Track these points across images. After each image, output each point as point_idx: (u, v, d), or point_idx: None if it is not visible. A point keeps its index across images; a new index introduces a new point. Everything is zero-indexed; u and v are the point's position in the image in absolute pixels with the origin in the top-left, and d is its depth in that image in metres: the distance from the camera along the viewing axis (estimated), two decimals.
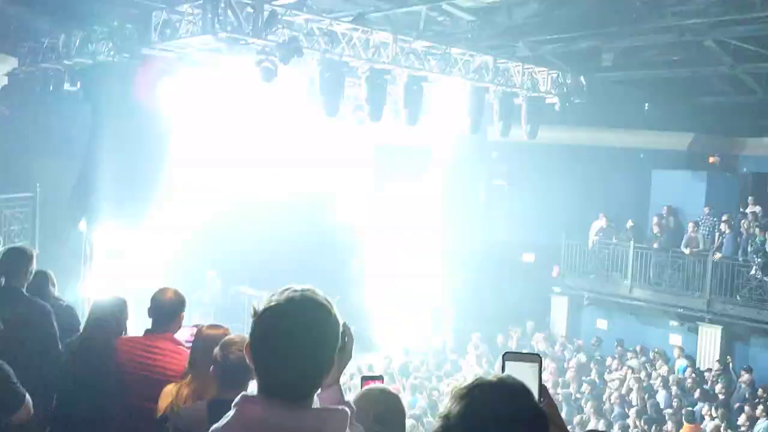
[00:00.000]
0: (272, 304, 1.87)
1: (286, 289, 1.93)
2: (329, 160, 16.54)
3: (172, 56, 11.84)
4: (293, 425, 1.81)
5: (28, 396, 3.68)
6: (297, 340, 1.82)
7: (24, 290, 4.73)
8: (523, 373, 1.96)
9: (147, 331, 4.21)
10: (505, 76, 13.24)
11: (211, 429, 1.84)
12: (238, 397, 1.89)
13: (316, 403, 2.05)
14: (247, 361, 1.89)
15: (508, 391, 1.57)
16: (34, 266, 4.83)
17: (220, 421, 1.85)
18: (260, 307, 1.89)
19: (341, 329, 2.20)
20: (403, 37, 11.62)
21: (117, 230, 12.31)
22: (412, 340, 16.67)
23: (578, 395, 12.69)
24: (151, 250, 15.99)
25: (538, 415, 1.57)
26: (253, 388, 1.99)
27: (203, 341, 3.57)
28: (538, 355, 2.10)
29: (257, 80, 10.46)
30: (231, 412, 1.86)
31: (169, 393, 3.60)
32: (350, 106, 13.44)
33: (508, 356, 2.05)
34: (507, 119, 13.53)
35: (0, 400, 3.37)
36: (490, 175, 18.70)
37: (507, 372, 2.01)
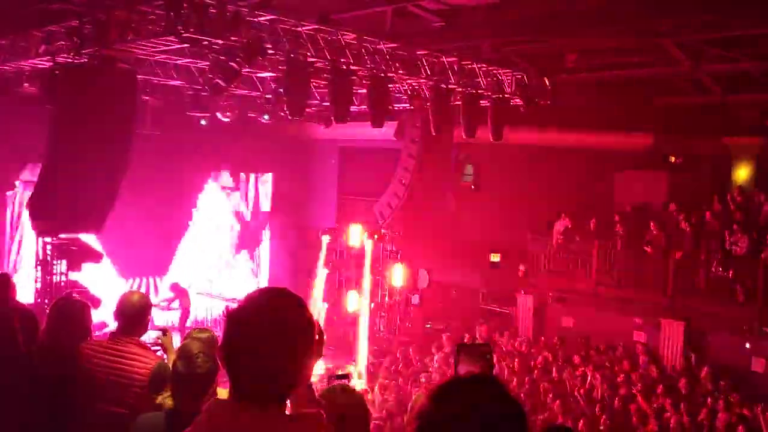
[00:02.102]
0: (245, 305, 1.83)
1: (260, 290, 1.90)
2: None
3: (133, 57, 11.68)
4: (266, 430, 1.77)
5: None
6: (270, 342, 1.77)
7: None
8: (476, 363, 1.98)
9: (112, 335, 4.13)
10: (470, 78, 13.32)
11: None
12: (210, 401, 1.84)
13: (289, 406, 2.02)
14: (220, 363, 1.85)
15: (485, 387, 1.55)
16: None
17: (191, 426, 1.80)
18: (234, 309, 1.85)
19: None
20: (368, 38, 11.62)
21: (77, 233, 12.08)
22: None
23: (544, 392, 12.79)
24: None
25: (517, 410, 1.55)
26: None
27: None
28: (488, 344, 2.13)
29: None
30: (200, 417, 1.81)
31: None
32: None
33: (462, 348, 2.07)
34: (472, 120, 13.61)
35: None
36: (456, 176, 18.82)
37: (461, 363, 2.03)
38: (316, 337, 2.10)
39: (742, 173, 16.47)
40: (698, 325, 13.62)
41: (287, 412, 1.86)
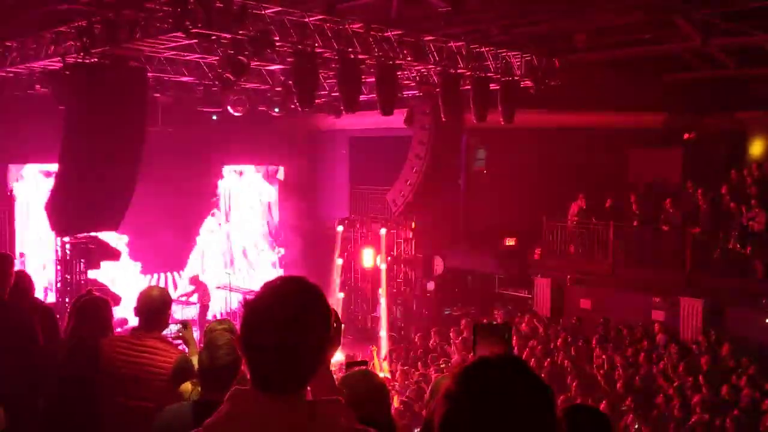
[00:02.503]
0: (263, 294, 1.85)
1: (277, 279, 1.91)
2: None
3: (142, 55, 11.74)
4: (286, 418, 1.79)
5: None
6: (288, 330, 1.79)
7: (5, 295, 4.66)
8: (494, 343, 1.98)
9: (134, 330, 4.19)
10: (478, 61, 13.25)
11: (204, 424, 1.81)
12: (231, 390, 1.86)
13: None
14: (240, 352, 1.87)
15: (512, 367, 1.54)
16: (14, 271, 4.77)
17: (213, 416, 1.83)
18: (251, 299, 1.87)
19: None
20: (375, 26, 11.58)
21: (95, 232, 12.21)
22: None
23: (563, 372, 12.78)
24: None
25: (545, 389, 1.53)
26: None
27: None
28: (507, 323, 2.13)
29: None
30: (223, 407, 1.83)
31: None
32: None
33: (480, 328, 2.07)
34: (483, 104, 13.55)
35: None
36: (468, 161, 18.78)
37: (479, 343, 2.02)
38: (334, 324, 2.13)
39: (757, 147, 16.30)
40: (717, 301, 13.55)
41: (307, 399, 1.88)
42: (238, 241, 20.07)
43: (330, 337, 2.15)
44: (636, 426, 10.52)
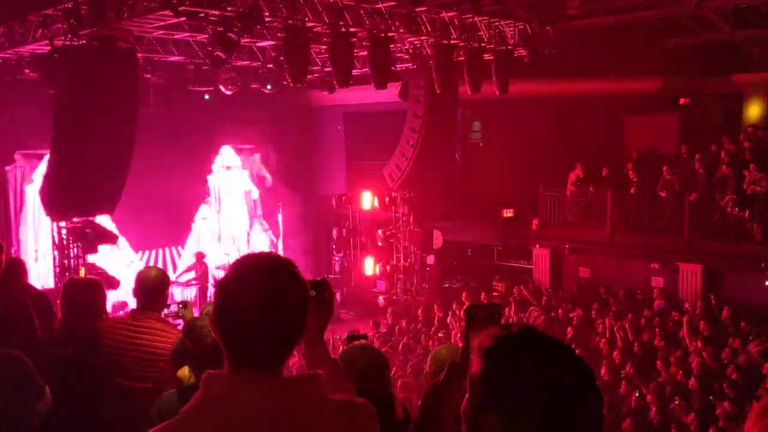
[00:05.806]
0: (233, 273, 1.82)
1: (246, 256, 1.89)
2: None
3: (131, 35, 11.59)
4: (262, 399, 1.75)
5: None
6: (257, 303, 1.76)
7: None
8: (486, 324, 1.95)
9: (132, 312, 4.16)
10: (471, 32, 13.12)
11: (180, 411, 1.78)
12: (204, 374, 1.82)
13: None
14: (213, 333, 1.83)
15: (538, 340, 1.54)
16: (5, 258, 4.70)
17: (189, 402, 1.80)
18: (222, 278, 1.85)
19: (319, 287, 2.16)
20: None
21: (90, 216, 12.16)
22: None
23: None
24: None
25: (575, 356, 1.56)
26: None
27: None
28: (498, 304, 2.11)
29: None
30: (198, 392, 1.80)
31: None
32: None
33: (470, 309, 2.04)
34: (477, 75, 13.44)
35: (25, 390, 3.22)
36: (464, 134, 18.70)
37: (470, 323, 2.00)
38: (312, 293, 2.08)
39: (754, 111, 16.22)
40: (716, 266, 13.56)
41: (286, 375, 1.84)
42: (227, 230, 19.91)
43: (319, 302, 2.12)
44: (636, 393, 10.57)
